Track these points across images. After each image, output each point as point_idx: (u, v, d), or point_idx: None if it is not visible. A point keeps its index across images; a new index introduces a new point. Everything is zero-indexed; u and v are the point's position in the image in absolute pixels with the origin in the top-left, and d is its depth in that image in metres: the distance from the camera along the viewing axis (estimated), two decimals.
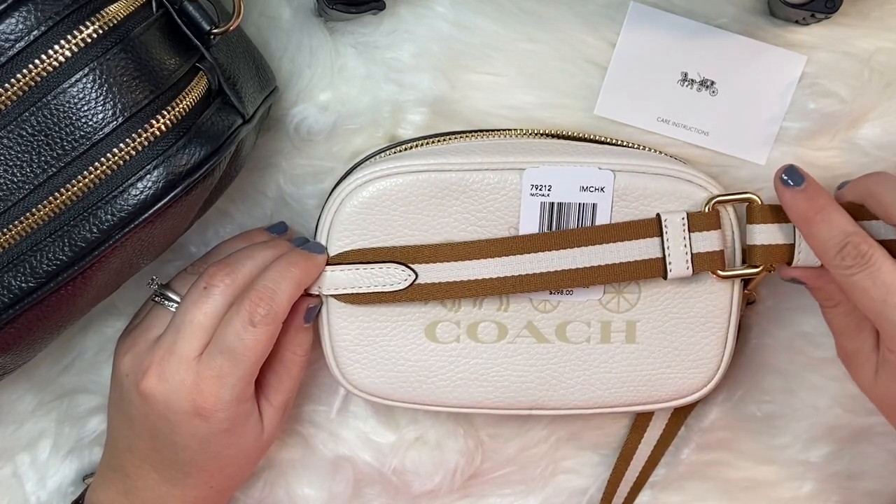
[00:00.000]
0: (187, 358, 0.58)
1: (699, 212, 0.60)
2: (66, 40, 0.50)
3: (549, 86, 0.64)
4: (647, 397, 0.64)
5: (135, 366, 0.59)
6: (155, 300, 0.62)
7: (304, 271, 0.59)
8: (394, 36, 0.63)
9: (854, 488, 0.69)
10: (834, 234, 0.57)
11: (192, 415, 0.58)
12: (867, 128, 0.64)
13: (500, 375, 0.63)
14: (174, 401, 0.58)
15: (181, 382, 0.58)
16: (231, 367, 0.57)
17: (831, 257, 0.57)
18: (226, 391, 0.58)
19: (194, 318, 0.58)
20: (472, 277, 0.60)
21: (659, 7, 0.63)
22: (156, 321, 0.61)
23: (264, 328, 0.57)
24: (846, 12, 0.61)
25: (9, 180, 0.51)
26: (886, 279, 0.55)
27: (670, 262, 0.60)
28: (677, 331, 0.63)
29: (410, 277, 0.60)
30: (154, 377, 0.58)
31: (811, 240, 0.58)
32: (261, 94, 0.59)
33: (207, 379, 0.57)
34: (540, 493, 0.70)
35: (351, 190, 0.60)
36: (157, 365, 0.58)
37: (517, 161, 0.60)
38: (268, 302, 0.57)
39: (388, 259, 0.60)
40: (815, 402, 0.68)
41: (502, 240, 0.60)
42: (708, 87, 0.64)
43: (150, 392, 0.58)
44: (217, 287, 0.59)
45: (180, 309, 0.59)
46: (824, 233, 0.57)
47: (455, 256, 0.60)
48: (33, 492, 0.69)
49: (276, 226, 0.64)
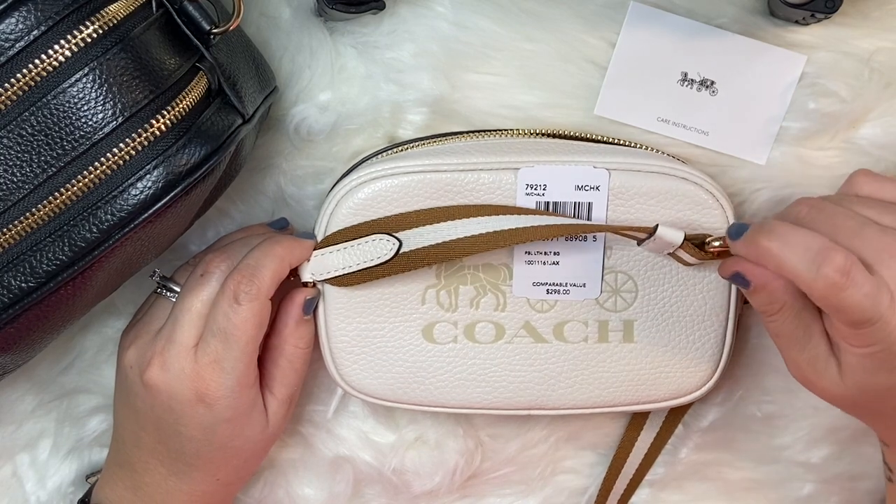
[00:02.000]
0: (186, 346, 0.58)
1: (698, 248, 0.59)
2: (66, 40, 0.50)
3: (549, 86, 0.64)
4: (646, 397, 0.64)
5: (139, 357, 0.59)
6: (157, 292, 0.62)
7: (287, 248, 0.60)
8: (394, 36, 0.63)
9: (854, 489, 0.69)
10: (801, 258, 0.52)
11: (196, 402, 0.58)
12: (867, 128, 0.64)
13: (497, 376, 0.63)
14: (177, 390, 0.58)
15: (182, 371, 0.58)
16: (225, 349, 0.58)
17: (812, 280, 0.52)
18: (225, 376, 0.58)
19: (192, 306, 0.59)
20: (459, 236, 0.60)
21: (659, 7, 0.63)
22: (158, 313, 0.61)
23: (249, 305, 0.58)
24: (846, 12, 0.61)
25: (9, 180, 0.51)
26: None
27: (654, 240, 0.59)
28: (675, 330, 0.63)
29: (395, 245, 0.60)
30: (157, 367, 0.58)
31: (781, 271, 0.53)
32: (261, 94, 0.59)
33: (206, 365, 0.58)
34: (540, 493, 0.70)
35: (347, 191, 0.60)
36: (159, 355, 0.58)
37: (512, 161, 0.60)
38: (249, 279, 0.58)
39: (372, 231, 0.60)
40: (815, 403, 0.68)
41: (486, 206, 0.60)
42: (708, 87, 0.64)
43: (154, 382, 0.58)
44: (213, 274, 0.59)
45: (179, 298, 0.60)
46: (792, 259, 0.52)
47: (439, 218, 0.60)
48: (33, 492, 0.69)
49: (276, 221, 0.65)
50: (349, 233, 0.60)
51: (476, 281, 0.62)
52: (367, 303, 0.62)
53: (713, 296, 0.62)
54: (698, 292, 0.62)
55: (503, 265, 0.62)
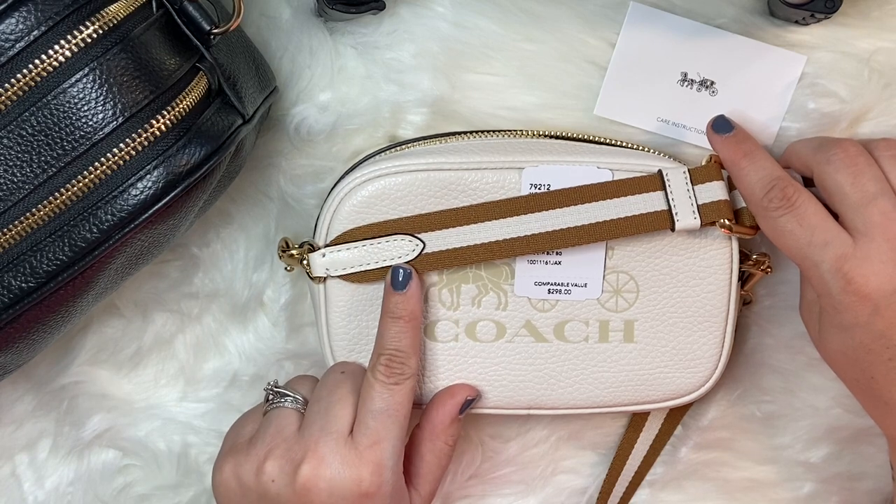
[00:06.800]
0: (343, 434, 0.57)
1: (699, 166, 0.61)
2: (66, 40, 0.50)
3: (549, 86, 0.64)
4: (646, 397, 0.64)
5: (281, 466, 0.57)
6: (276, 403, 0.60)
7: (409, 312, 0.59)
8: (394, 36, 0.63)
9: (854, 489, 0.69)
10: (761, 176, 0.58)
11: (359, 496, 0.56)
12: (867, 127, 0.64)
13: (498, 375, 0.63)
14: (339, 483, 0.56)
15: (343, 460, 0.56)
16: (385, 429, 0.57)
17: (758, 199, 0.58)
18: (387, 456, 0.57)
19: (342, 397, 0.58)
20: (480, 241, 0.60)
21: (659, 7, 0.63)
22: (274, 425, 0.59)
23: (405, 383, 0.58)
24: (846, 12, 0.61)
25: (9, 180, 0.51)
26: (812, 220, 0.57)
27: (676, 213, 0.60)
28: (675, 330, 0.63)
29: (419, 247, 0.60)
30: (313, 464, 0.56)
31: (739, 183, 0.59)
32: (261, 94, 0.59)
33: (367, 448, 0.57)
34: (540, 493, 0.70)
35: (350, 189, 0.60)
36: (313, 451, 0.56)
37: (516, 160, 0.60)
38: (400, 361, 0.58)
39: (394, 231, 0.60)
40: (815, 403, 0.68)
41: (507, 201, 0.60)
42: (708, 87, 0.64)
43: (312, 481, 0.56)
44: (352, 368, 0.61)
45: (319, 395, 0.59)
46: (751, 175, 0.58)
47: (461, 221, 0.60)
48: (31, 491, 0.69)
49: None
50: (368, 230, 0.60)
51: (478, 279, 0.62)
52: (369, 301, 0.62)
53: (713, 296, 0.62)
54: (698, 293, 0.62)
55: (505, 264, 0.62)
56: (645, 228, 0.60)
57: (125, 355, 0.68)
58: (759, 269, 0.63)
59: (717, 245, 0.62)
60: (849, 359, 0.58)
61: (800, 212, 0.57)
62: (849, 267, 0.55)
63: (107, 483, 0.69)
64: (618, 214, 0.60)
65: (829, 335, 0.58)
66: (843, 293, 0.56)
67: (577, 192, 0.60)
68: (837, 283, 0.56)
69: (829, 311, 0.57)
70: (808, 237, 0.56)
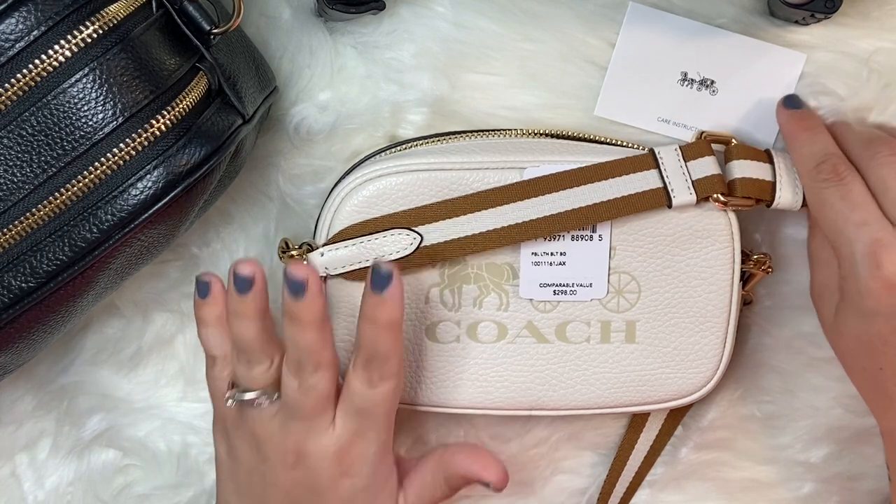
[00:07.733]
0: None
1: (690, 143, 0.61)
2: (66, 40, 0.50)
3: (549, 86, 0.64)
4: (647, 398, 0.64)
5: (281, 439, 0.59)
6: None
7: (386, 317, 0.57)
8: (394, 36, 0.63)
9: (854, 489, 0.69)
10: (816, 150, 0.59)
11: (339, 476, 0.58)
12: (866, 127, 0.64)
13: (499, 376, 0.63)
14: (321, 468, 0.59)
15: (325, 449, 0.59)
16: (367, 424, 0.58)
17: (809, 169, 0.59)
18: (369, 446, 0.59)
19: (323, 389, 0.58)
20: (478, 230, 0.60)
21: (659, 7, 0.63)
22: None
23: (386, 384, 0.58)
24: (846, 12, 0.61)
25: (9, 180, 0.51)
26: (855, 198, 0.57)
27: (672, 190, 0.60)
28: (676, 331, 0.63)
29: (416, 241, 0.60)
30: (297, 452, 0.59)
31: (795, 153, 0.60)
32: (261, 94, 0.59)
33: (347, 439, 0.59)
34: (540, 493, 0.70)
35: (351, 188, 0.60)
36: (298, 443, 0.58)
37: (517, 160, 0.60)
38: (378, 365, 0.57)
39: (391, 226, 0.60)
40: (815, 403, 0.68)
41: (503, 188, 0.60)
42: (708, 87, 0.64)
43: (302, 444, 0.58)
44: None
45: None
46: (807, 147, 0.60)
47: (457, 212, 0.60)
48: (31, 491, 0.69)
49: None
50: (365, 227, 0.60)
51: (479, 280, 0.62)
52: None
53: (714, 297, 0.62)
54: (700, 293, 0.62)
55: (506, 264, 0.62)
56: (642, 207, 0.60)
57: (125, 355, 0.68)
58: (760, 268, 0.63)
59: (719, 245, 0.62)
60: (862, 345, 0.58)
61: (847, 187, 0.57)
62: (883, 252, 0.56)
63: (107, 483, 0.69)
64: (614, 195, 0.60)
65: (846, 319, 0.58)
66: (870, 278, 0.56)
67: (572, 175, 0.60)
68: (867, 265, 0.56)
69: (852, 295, 0.57)
70: (847, 212, 0.57)
